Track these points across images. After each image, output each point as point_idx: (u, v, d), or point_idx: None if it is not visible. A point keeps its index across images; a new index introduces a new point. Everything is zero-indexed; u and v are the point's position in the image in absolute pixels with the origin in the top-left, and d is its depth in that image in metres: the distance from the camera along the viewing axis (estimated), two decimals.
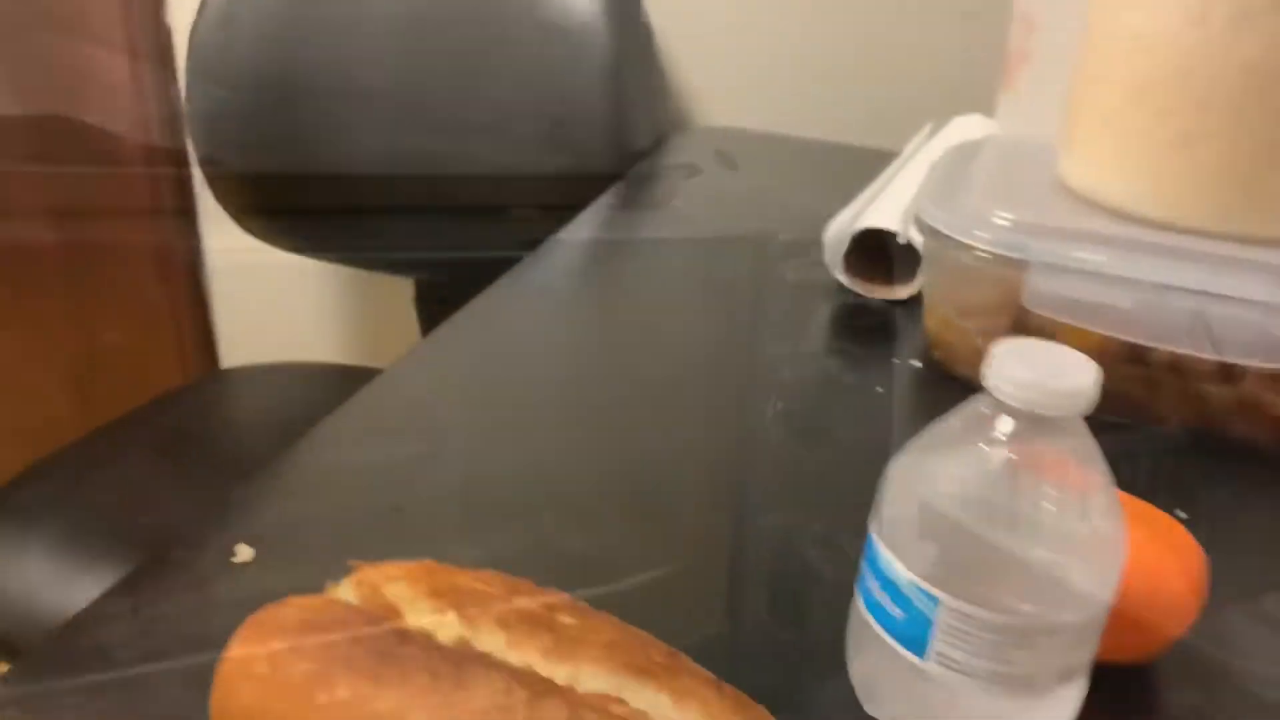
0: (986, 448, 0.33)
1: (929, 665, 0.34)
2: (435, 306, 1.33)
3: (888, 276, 0.72)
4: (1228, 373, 0.55)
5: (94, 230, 1.45)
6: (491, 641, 0.29)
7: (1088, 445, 0.33)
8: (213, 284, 1.44)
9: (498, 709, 0.27)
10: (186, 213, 1.42)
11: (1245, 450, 0.56)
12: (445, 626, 0.30)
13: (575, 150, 1.04)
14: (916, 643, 0.34)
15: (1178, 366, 0.55)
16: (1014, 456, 0.32)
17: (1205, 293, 0.51)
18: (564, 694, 0.28)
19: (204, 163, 1.16)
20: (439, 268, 1.19)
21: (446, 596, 0.30)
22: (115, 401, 1.39)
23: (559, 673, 0.28)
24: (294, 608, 0.31)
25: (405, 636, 0.29)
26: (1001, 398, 0.32)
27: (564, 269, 0.78)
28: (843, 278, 0.72)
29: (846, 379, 0.64)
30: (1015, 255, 0.55)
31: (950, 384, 0.62)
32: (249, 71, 1.09)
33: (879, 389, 0.61)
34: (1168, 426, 0.57)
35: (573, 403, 0.59)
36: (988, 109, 0.89)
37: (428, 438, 0.54)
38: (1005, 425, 0.33)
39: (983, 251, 0.56)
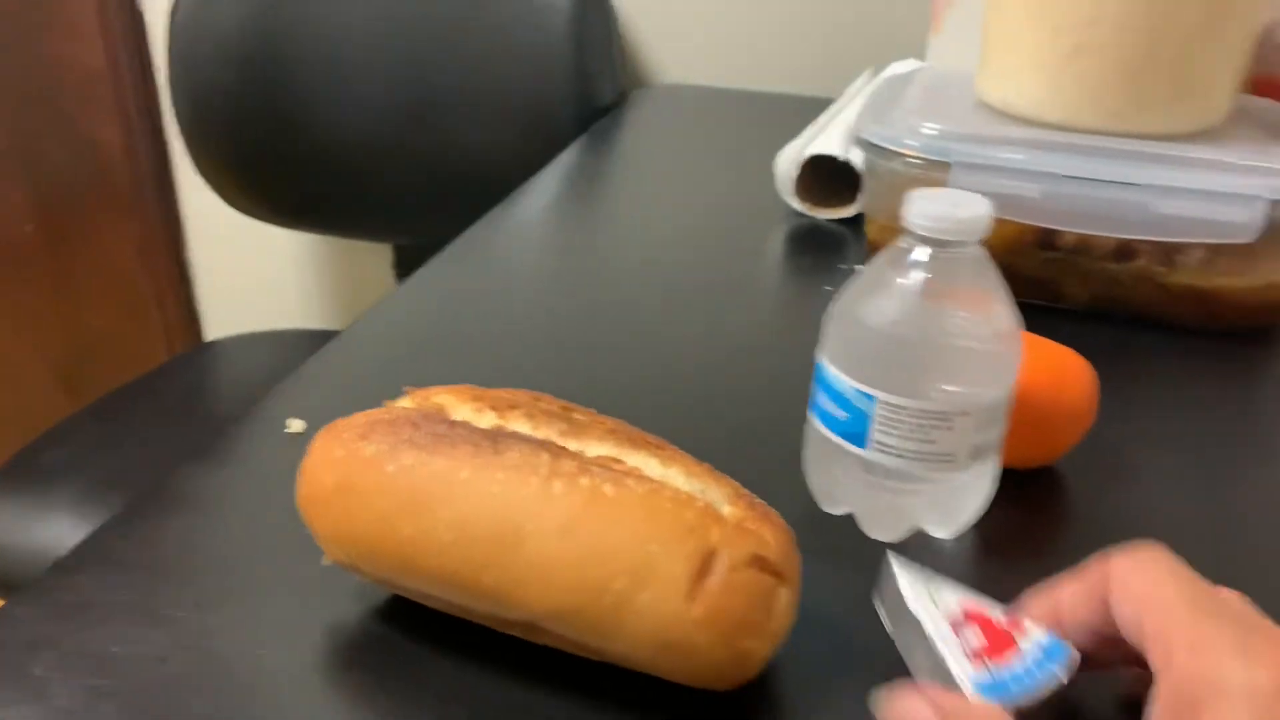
0: (907, 272, 0.41)
1: (869, 453, 0.42)
2: (414, 271, 1.40)
3: (834, 198, 0.80)
4: (1124, 251, 0.64)
5: (75, 216, 1.49)
6: (520, 427, 0.37)
7: (987, 266, 0.41)
8: (194, 259, 1.49)
9: (526, 463, 0.34)
10: (166, 195, 1.47)
11: (1140, 318, 0.65)
12: (483, 418, 0.37)
13: (541, 111, 1.11)
14: (859, 437, 0.42)
15: (1082, 248, 0.64)
16: (929, 276, 0.40)
17: (1100, 180, 0.60)
18: (575, 456, 0.35)
19: (188, 136, 1.21)
20: (417, 233, 1.25)
21: (483, 400, 0.38)
22: (102, 383, 1.44)
23: (572, 445, 0.36)
24: (360, 416, 0.38)
25: (452, 424, 0.36)
26: (915, 229, 0.40)
27: (533, 215, 0.85)
28: (794, 202, 0.80)
29: (800, 284, 0.72)
30: (939, 159, 0.63)
31: None
32: (230, 46, 1.15)
33: (827, 288, 0.69)
34: (1076, 304, 0.66)
35: (553, 336, 0.66)
36: (922, 54, 0.98)
37: (445, 343, 0.61)
38: (921, 253, 0.41)
39: (913, 158, 0.64)
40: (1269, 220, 0.58)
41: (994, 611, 0.35)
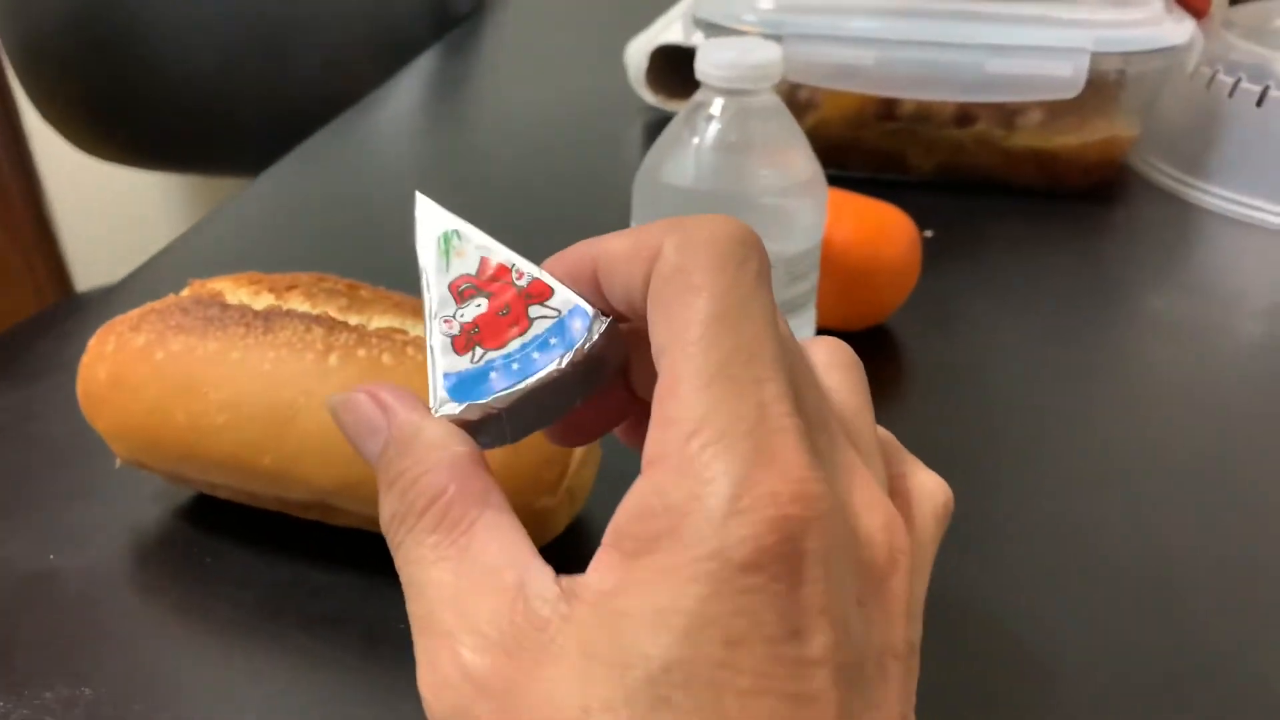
0: (703, 126, 0.40)
1: None
2: None
3: (689, 87, 0.79)
4: (964, 116, 0.63)
5: None
6: (298, 306, 0.35)
7: (783, 115, 0.40)
8: (55, 210, 1.42)
9: (299, 340, 0.33)
10: (16, 142, 1.39)
11: (984, 183, 0.65)
12: (259, 300, 0.35)
13: (398, 27, 1.07)
14: None
15: (923, 116, 0.64)
16: (723, 129, 0.39)
17: (933, 43, 0.60)
18: (355, 329, 0.34)
19: (25, 81, 1.14)
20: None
21: (262, 283, 0.36)
22: None
23: (352, 319, 0.35)
24: (138, 309, 0.36)
25: (225, 307, 0.35)
26: (707, 80, 0.39)
27: (384, 119, 0.82)
28: (646, 95, 0.79)
29: None
30: (774, 33, 0.62)
31: None
32: None
33: None
34: (922, 174, 0.66)
35: (406, 224, 0.64)
36: None
37: (266, 255, 0.59)
38: (716, 105, 0.40)
39: (750, 34, 0.63)
40: (1093, 73, 0.58)
41: (522, 269, 0.24)
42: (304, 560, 0.35)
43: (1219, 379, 0.48)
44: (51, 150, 1.36)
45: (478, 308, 0.24)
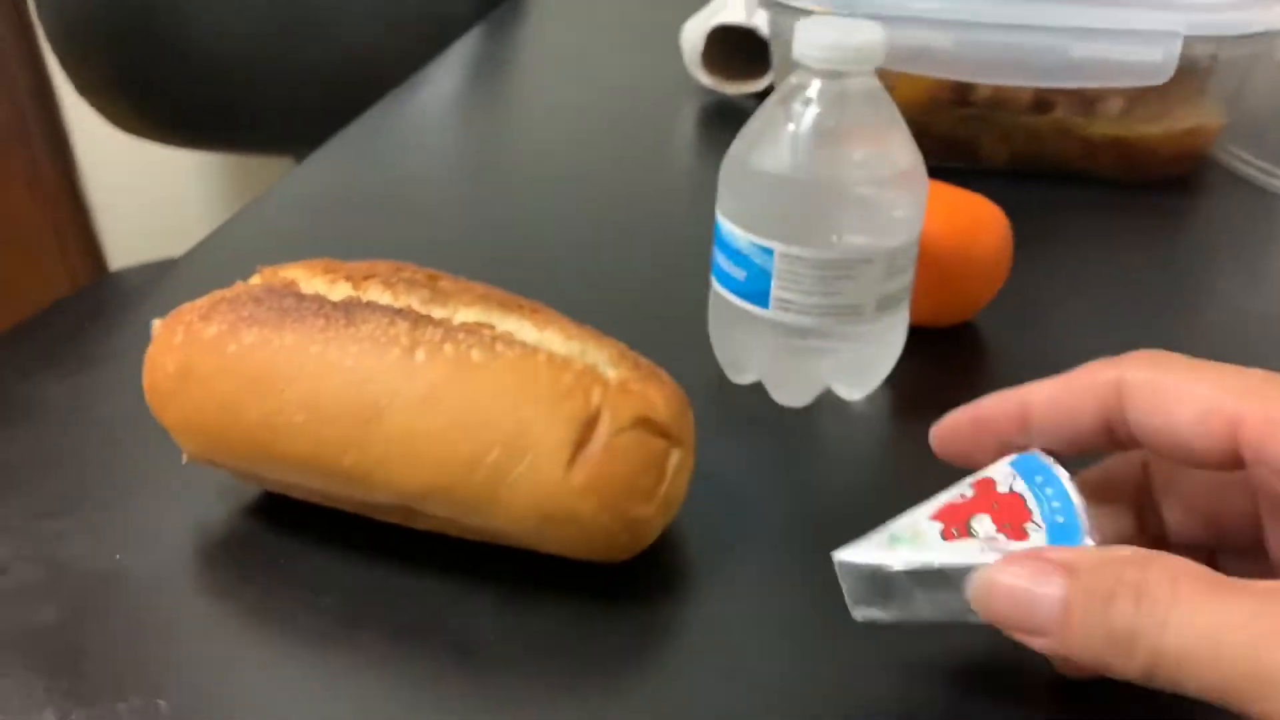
0: (799, 111, 0.38)
1: (772, 313, 0.39)
2: None
3: (746, 70, 0.77)
4: (1041, 103, 0.61)
5: None
6: (378, 297, 0.33)
7: (884, 99, 0.38)
8: (89, 189, 1.41)
9: (383, 335, 0.31)
10: (51, 120, 1.38)
11: (1061, 173, 0.63)
12: (336, 290, 0.34)
13: (434, 4, 1.05)
14: (761, 296, 0.39)
15: (998, 102, 0.61)
16: (821, 113, 0.37)
17: (1014, 25, 0.57)
18: (440, 323, 0.32)
19: (62, 56, 1.13)
20: (318, 144, 1.19)
21: (338, 271, 0.34)
22: (3, 324, 1.37)
23: (436, 313, 0.33)
24: (206, 297, 0.34)
25: (301, 297, 0.33)
26: (806, 62, 0.37)
27: (428, 102, 0.80)
28: (702, 77, 0.76)
29: (712, 161, 0.69)
30: (846, 11, 0.59)
31: None
32: None
33: None
34: (996, 163, 0.64)
35: (459, 213, 0.62)
36: None
37: (311, 250, 0.57)
38: (813, 89, 0.37)
39: (820, 13, 0.60)
40: (1183, 59, 0.55)
41: (956, 498, 0.27)
42: (385, 564, 0.33)
43: None
44: (86, 126, 1.34)
45: (982, 525, 0.26)
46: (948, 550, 0.25)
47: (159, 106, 1.16)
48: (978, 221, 0.45)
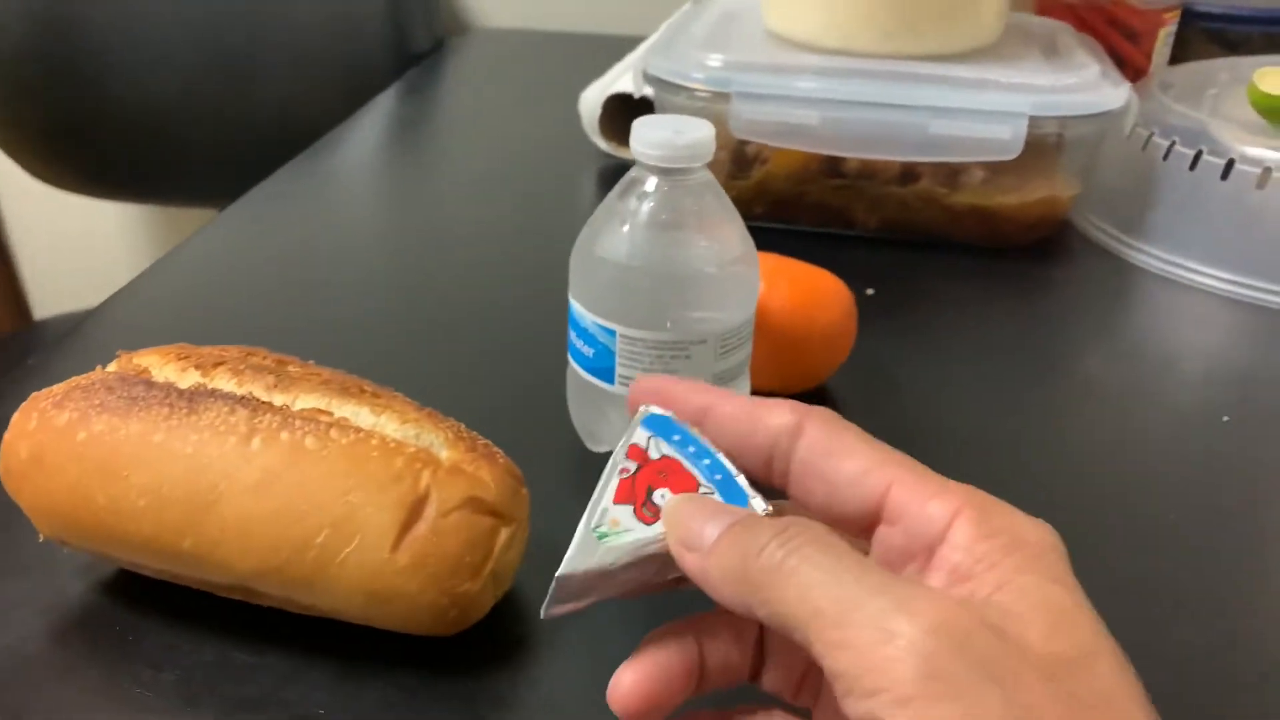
0: (636, 203, 0.40)
1: (617, 388, 0.42)
2: None
3: None
4: (907, 174, 0.65)
5: None
6: (224, 384, 0.35)
7: (716, 192, 0.41)
8: (12, 234, 1.40)
9: (223, 423, 0.33)
10: None
11: (927, 239, 0.66)
12: (186, 378, 0.35)
13: (358, 62, 1.07)
14: (607, 372, 0.42)
15: (868, 174, 0.65)
16: (655, 205, 0.40)
17: (875, 103, 0.61)
18: (280, 410, 0.34)
19: None
20: (237, 196, 1.20)
21: (190, 359, 0.36)
22: None
23: (278, 399, 0.35)
24: (64, 383, 0.36)
25: (151, 385, 0.35)
26: (641, 159, 0.40)
27: (345, 158, 0.82)
28: (600, 142, 0.79)
29: None
30: (722, 90, 0.63)
31: None
32: (19, 8, 1.07)
33: None
34: (867, 229, 0.67)
35: (361, 273, 0.64)
36: None
37: (215, 306, 0.59)
38: (649, 183, 0.40)
39: (699, 91, 0.64)
40: (1031, 136, 0.59)
41: (623, 474, 0.29)
42: (228, 640, 0.35)
43: (1149, 446, 0.49)
44: (8, 177, 1.34)
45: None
46: (651, 530, 0.27)
47: (83, 163, 1.17)
48: (819, 294, 0.48)
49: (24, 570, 0.38)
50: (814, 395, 0.50)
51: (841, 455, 0.27)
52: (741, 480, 0.28)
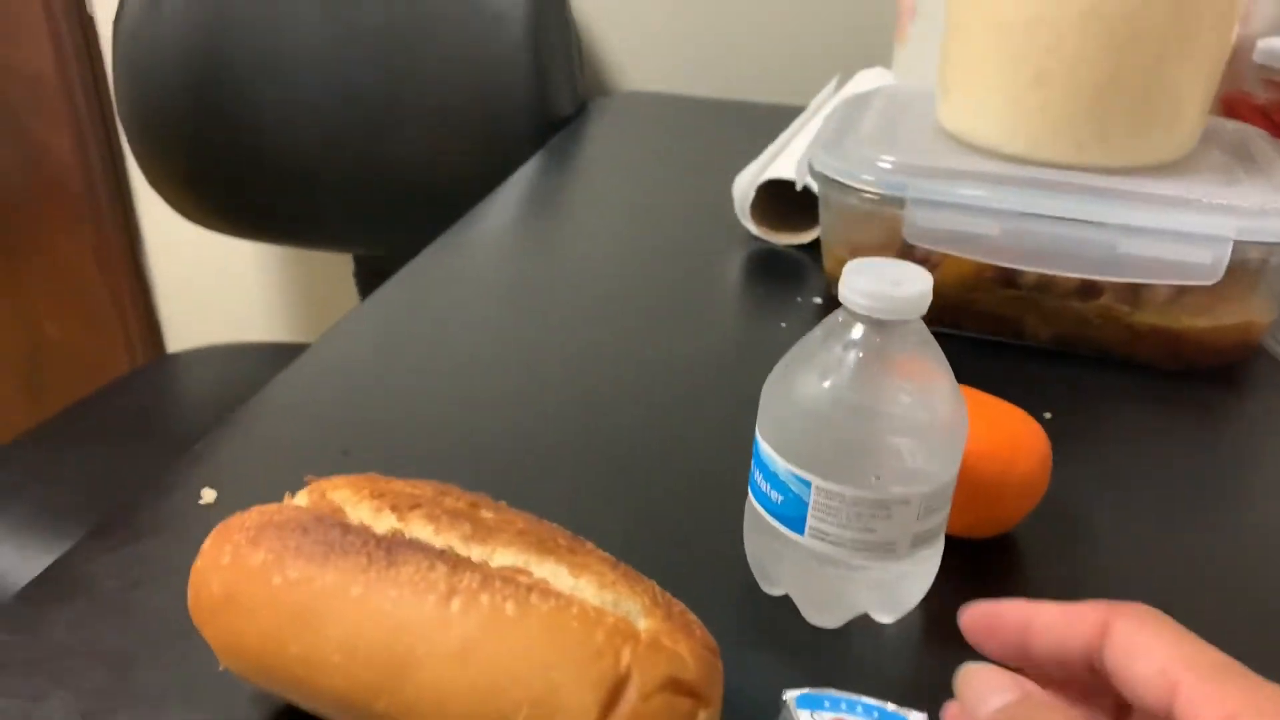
0: (842, 351, 0.38)
1: (806, 540, 0.39)
2: (374, 280, 1.37)
3: (795, 220, 0.78)
4: (1088, 289, 0.61)
5: (28, 224, 1.45)
6: (420, 531, 0.34)
7: (928, 343, 0.38)
8: (153, 271, 1.45)
9: (422, 580, 0.32)
10: (122, 202, 1.43)
11: (1104, 356, 0.63)
12: (381, 521, 0.34)
13: (499, 121, 1.08)
14: (796, 522, 0.40)
15: (1044, 286, 0.62)
16: (863, 356, 0.38)
17: (1063, 218, 0.58)
18: (479, 567, 0.33)
19: (136, 149, 1.17)
20: (376, 243, 1.22)
21: (384, 498, 0.35)
22: (63, 393, 1.41)
23: (475, 553, 0.33)
24: (254, 513, 0.35)
25: (347, 528, 0.34)
26: (851, 307, 0.38)
27: (492, 233, 0.82)
28: (751, 226, 0.78)
29: (756, 316, 0.70)
30: (896, 194, 0.60)
31: None
32: (176, 56, 1.11)
33: (783, 324, 0.67)
34: (1038, 341, 0.64)
35: (507, 355, 0.63)
36: (889, 61, 0.95)
37: (372, 390, 0.58)
38: (856, 331, 0.38)
39: (868, 193, 0.61)
40: (1233, 260, 0.55)
41: None
42: None
43: None
44: (156, 210, 1.39)
45: None
46: None
47: (226, 203, 1.20)
48: (1018, 440, 0.45)
49: (199, 696, 0.37)
50: (1001, 539, 0.47)
51: (1136, 655, 0.27)
52: (891, 707, 0.33)
